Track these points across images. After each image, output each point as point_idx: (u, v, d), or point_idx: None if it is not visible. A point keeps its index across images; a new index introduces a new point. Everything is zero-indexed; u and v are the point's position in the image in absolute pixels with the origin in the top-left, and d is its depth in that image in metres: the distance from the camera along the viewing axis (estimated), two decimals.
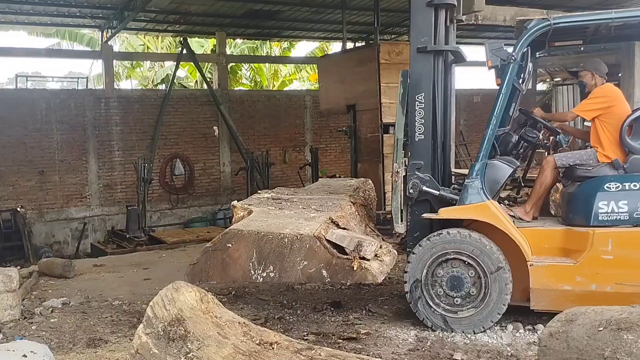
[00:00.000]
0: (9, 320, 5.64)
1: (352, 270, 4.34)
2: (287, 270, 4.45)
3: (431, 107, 5.34)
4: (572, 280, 4.85)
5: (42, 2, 12.12)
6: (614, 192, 4.90)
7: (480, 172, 5.14)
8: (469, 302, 4.99)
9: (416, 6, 5.47)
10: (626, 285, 4.75)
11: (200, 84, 19.55)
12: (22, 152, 13.25)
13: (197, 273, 4.86)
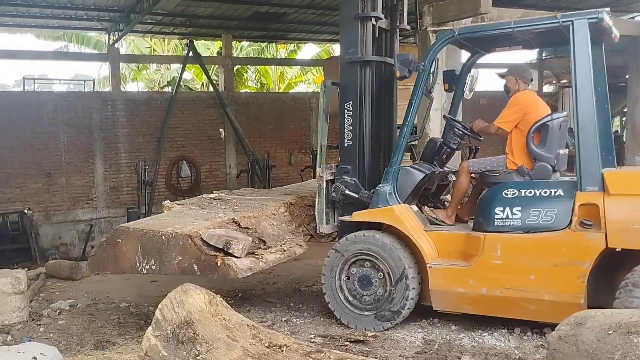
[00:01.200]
0: (17, 322, 5.66)
1: (217, 265, 4.77)
2: (165, 264, 4.97)
3: (358, 115, 5.61)
4: (465, 283, 4.97)
5: (49, 5, 12.16)
6: (510, 198, 4.94)
7: (393, 178, 5.36)
8: (376, 300, 5.22)
9: (344, 19, 5.75)
10: (514, 290, 4.81)
11: (206, 86, 19.60)
12: (30, 154, 13.30)
13: (95, 264, 5.48)
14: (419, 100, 5.36)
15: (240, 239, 4.91)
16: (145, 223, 5.58)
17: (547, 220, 4.75)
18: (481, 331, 5.04)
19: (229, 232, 5.02)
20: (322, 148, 5.86)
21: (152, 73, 22.44)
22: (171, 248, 4.95)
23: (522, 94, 5.40)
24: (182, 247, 4.90)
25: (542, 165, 5.11)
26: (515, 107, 5.30)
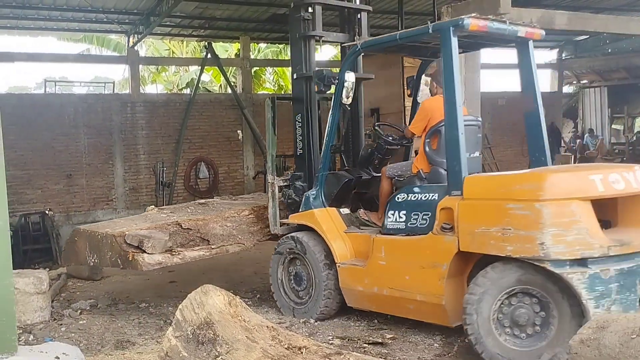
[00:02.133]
0: (39, 321, 5.74)
1: (129, 260, 5.65)
2: (102, 257, 6.00)
3: (306, 126, 6.10)
4: (363, 282, 5.28)
5: (70, 8, 12.32)
6: (399, 202, 5.14)
7: (320, 183, 5.76)
8: (306, 295, 5.70)
9: (291, 38, 6.30)
10: (395, 290, 5.03)
11: (224, 88, 19.69)
12: (51, 156, 13.46)
13: (65, 257, 6.79)
14: (337, 111, 5.70)
15: (154, 238, 5.72)
16: (96, 225, 6.90)
17: (422, 224, 4.91)
18: None
19: (149, 233, 5.82)
20: (272, 157, 6.44)
21: (171, 75, 22.62)
22: (105, 245, 5.94)
23: (430, 99, 5.49)
24: (110, 244, 5.87)
25: (437, 169, 5.16)
26: (423, 113, 5.39)
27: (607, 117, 20.61)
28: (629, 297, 4.08)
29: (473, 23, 4.71)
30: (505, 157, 18.25)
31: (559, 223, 4.06)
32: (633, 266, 4.12)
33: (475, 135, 5.29)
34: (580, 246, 4.04)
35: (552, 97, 20.39)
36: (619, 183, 4.26)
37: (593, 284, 4.00)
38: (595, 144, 19.09)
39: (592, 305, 3.98)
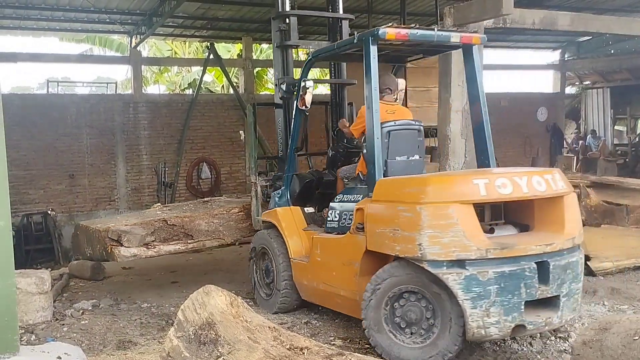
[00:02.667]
0: (41, 321, 5.74)
1: (109, 252, 6.33)
2: (94, 249, 6.70)
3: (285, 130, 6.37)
4: (307, 277, 5.55)
5: (73, 8, 12.34)
6: (336, 203, 5.40)
7: (286, 183, 6.07)
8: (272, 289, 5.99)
9: (273, 47, 6.63)
10: (327, 285, 5.27)
11: (226, 88, 19.69)
12: (53, 156, 13.49)
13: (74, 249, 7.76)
14: (298, 116, 5.94)
15: (132, 233, 6.38)
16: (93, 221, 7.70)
17: (348, 224, 5.10)
18: None
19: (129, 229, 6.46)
20: (254, 159, 6.96)
21: (173, 75, 22.62)
22: (95, 239, 6.61)
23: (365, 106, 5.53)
24: (97, 238, 6.53)
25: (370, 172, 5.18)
26: (362, 117, 5.40)
27: (610, 118, 20.57)
28: (511, 299, 4.13)
29: (390, 32, 4.84)
30: (508, 158, 18.24)
31: (436, 225, 4.17)
32: (516, 269, 4.15)
33: (414, 138, 5.37)
34: (456, 248, 4.12)
35: (554, 98, 20.38)
36: (505, 187, 4.31)
37: (470, 285, 4.09)
38: (597, 145, 19.05)
39: (469, 306, 4.10)
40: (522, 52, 21.24)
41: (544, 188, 4.42)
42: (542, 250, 4.26)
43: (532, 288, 4.19)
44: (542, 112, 19.49)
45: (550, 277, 4.24)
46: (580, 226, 4.66)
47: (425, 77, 10.43)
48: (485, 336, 4.20)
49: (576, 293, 4.47)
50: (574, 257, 4.44)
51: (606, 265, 7.00)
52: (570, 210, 4.54)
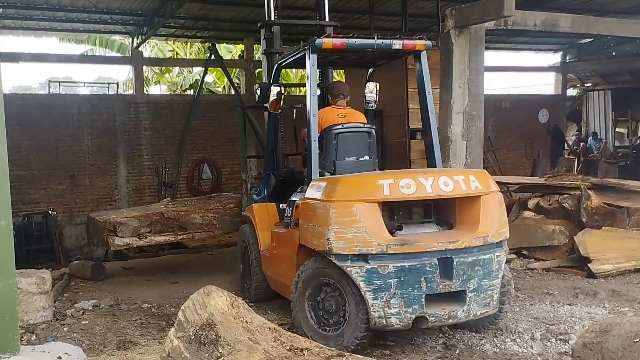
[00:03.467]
0: (42, 321, 5.74)
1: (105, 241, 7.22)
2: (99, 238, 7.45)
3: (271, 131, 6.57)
4: (270, 269, 5.90)
5: (74, 9, 12.36)
6: (292, 200, 5.69)
7: (263, 181, 6.46)
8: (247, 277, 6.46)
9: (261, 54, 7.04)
10: (280, 276, 5.64)
11: (227, 89, 19.71)
12: (54, 156, 13.50)
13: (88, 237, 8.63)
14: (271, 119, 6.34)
15: (126, 224, 7.16)
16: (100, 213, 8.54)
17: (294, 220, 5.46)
18: (504, 337, 5.00)
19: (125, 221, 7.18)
20: (244, 158, 7.47)
21: (175, 76, 22.65)
22: (99, 229, 7.33)
23: (323, 109, 5.85)
24: (99, 229, 7.26)
25: (322, 172, 5.45)
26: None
27: (611, 120, 20.55)
28: (411, 292, 4.44)
29: (326, 42, 5.20)
30: (509, 160, 18.24)
31: (342, 222, 4.53)
32: (416, 264, 4.46)
33: (364, 140, 5.68)
34: (359, 243, 4.47)
35: (555, 100, 20.38)
36: (409, 188, 4.62)
37: (371, 277, 4.44)
38: (598, 147, 19.04)
39: (371, 297, 4.45)
40: (523, 54, 21.26)
41: (451, 188, 4.70)
42: (445, 247, 4.53)
43: (433, 282, 4.48)
44: (543, 114, 19.49)
45: (454, 273, 4.52)
46: (500, 225, 4.85)
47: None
48: (386, 326, 4.51)
49: (489, 289, 4.69)
50: (486, 254, 4.66)
51: (607, 268, 7.00)
52: (487, 209, 4.78)
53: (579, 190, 7.77)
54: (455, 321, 4.69)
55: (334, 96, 5.93)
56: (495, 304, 4.81)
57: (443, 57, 9.01)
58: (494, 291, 4.74)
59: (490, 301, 4.73)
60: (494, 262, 4.70)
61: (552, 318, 5.52)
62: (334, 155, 5.48)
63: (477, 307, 4.64)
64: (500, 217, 4.91)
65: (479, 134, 9.07)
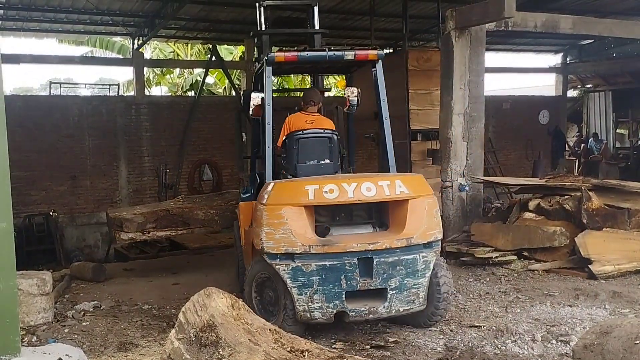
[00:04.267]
0: (43, 322, 5.73)
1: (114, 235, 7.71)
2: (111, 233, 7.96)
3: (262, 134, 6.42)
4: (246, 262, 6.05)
5: (76, 10, 12.37)
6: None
7: (251, 182, 6.58)
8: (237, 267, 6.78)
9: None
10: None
11: (228, 90, 19.73)
12: (55, 157, 13.51)
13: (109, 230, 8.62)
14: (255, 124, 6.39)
15: (132, 220, 7.53)
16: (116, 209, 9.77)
17: None
18: (504, 338, 5.00)
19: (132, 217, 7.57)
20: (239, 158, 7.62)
21: (176, 77, 22.67)
22: (111, 224, 7.86)
23: (290, 116, 6.17)
24: (112, 224, 7.76)
25: (285, 174, 5.90)
26: (284, 126, 6.06)
27: (612, 121, 20.56)
28: (332, 289, 4.85)
29: (278, 56, 5.58)
30: (509, 161, 18.23)
31: (272, 223, 4.94)
32: (337, 263, 4.84)
33: (325, 145, 5.93)
34: (285, 243, 4.87)
35: (556, 101, 20.37)
36: (332, 193, 4.98)
37: (296, 275, 4.86)
38: (599, 148, 19.04)
39: (296, 293, 4.87)
40: (524, 55, 21.25)
41: (374, 193, 5.01)
42: (364, 248, 4.88)
43: (353, 280, 4.85)
44: (544, 115, 19.49)
45: (374, 272, 4.87)
46: (428, 227, 5.10)
47: (428, 79, 10.44)
48: (310, 319, 4.92)
49: (414, 287, 5.00)
50: (410, 255, 4.97)
51: (607, 269, 6.99)
52: (414, 212, 5.06)
53: (580, 192, 7.76)
54: (377, 317, 5.04)
55: (306, 102, 6.18)
56: (422, 301, 5.09)
57: (443, 58, 9.02)
58: (420, 289, 5.04)
59: (415, 299, 5.04)
60: (419, 262, 5.01)
61: (552, 319, 5.52)
62: (295, 159, 5.79)
63: (399, 304, 4.97)
64: (430, 219, 5.14)
65: (479, 135, 9.08)
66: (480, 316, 5.74)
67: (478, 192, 9.19)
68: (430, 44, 16.17)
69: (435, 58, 10.16)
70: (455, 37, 8.75)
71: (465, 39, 8.80)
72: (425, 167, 10.53)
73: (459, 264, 7.90)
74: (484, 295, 6.50)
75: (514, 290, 6.68)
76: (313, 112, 6.13)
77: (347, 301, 4.88)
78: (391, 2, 12.74)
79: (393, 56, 13.37)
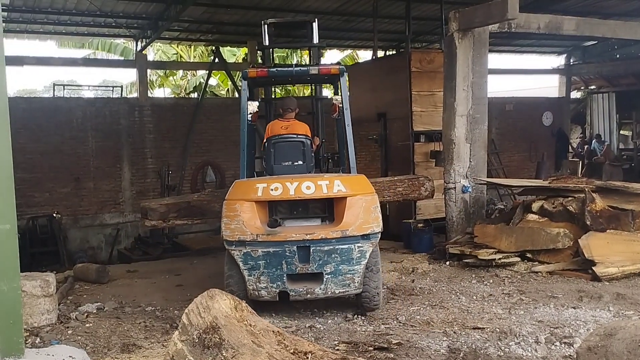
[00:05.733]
0: (46, 324, 5.74)
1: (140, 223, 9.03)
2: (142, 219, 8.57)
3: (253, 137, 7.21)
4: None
5: (79, 12, 12.40)
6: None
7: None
8: None
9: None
10: None
11: (231, 92, 19.74)
12: (59, 159, 13.53)
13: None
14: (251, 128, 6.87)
15: (155, 210, 8.26)
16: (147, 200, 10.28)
17: None
18: (508, 340, 4.99)
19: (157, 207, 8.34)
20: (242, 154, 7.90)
21: (179, 79, 22.70)
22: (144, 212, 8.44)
23: (271, 122, 6.93)
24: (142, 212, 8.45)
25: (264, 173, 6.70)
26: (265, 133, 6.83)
27: (615, 122, 20.50)
28: (275, 272, 5.70)
29: (251, 72, 6.58)
30: (513, 162, 18.20)
31: (228, 216, 5.82)
32: (279, 250, 5.68)
33: (298, 148, 6.59)
34: (238, 232, 5.74)
35: (559, 102, 20.33)
36: (277, 190, 5.82)
37: (247, 259, 5.74)
38: (602, 149, 18.99)
39: (247, 274, 5.75)
40: (527, 56, 21.22)
41: (312, 191, 5.82)
42: (302, 238, 5.68)
43: (292, 265, 5.69)
44: (547, 116, 19.46)
45: (311, 258, 5.68)
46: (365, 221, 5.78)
47: (431, 81, 10.44)
48: (259, 297, 5.76)
49: (349, 273, 5.74)
50: (345, 244, 5.72)
51: (611, 271, 6.97)
52: (351, 208, 5.79)
53: (584, 193, 7.74)
54: (314, 297, 5.78)
55: (283, 110, 6.87)
56: (357, 285, 5.80)
57: (447, 60, 9.02)
58: (355, 275, 5.76)
59: (351, 283, 5.77)
60: (354, 251, 5.75)
61: (556, 321, 5.51)
62: (272, 160, 6.53)
63: (334, 287, 5.74)
64: (366, 214, 5.83)
65: (482, 136, 9.07)
66: (484, 318, 5.73)
67: (481, 193, 9.17)
68: (433, 45, 16.16)
69: (438, 59, 10.16)
70: (459, 39, 8.75)
71: (468, 40, 8.79)
72: (428, 169, 10.53)
73: (462, 265, 7.90)
74: (487, 297, 6.49)
75: (518, 292, 6.67)
76: (289, 118, 6.78)
77: (288, 282, 5.72)
78: (394, 4, 12.75)
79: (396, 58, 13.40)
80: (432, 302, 6.33)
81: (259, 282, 5.71)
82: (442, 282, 7.26)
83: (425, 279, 7.47)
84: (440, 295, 6.67)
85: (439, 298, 6.52)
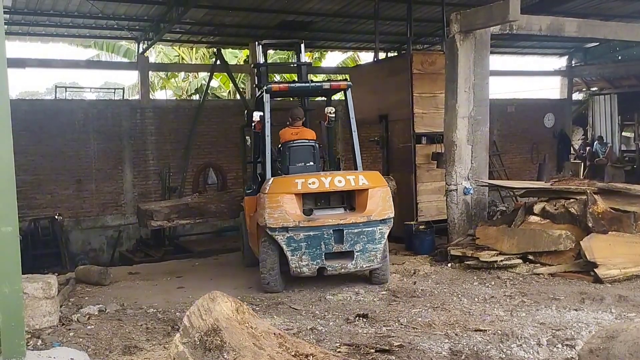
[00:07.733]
0: (48, 326, 5.73)
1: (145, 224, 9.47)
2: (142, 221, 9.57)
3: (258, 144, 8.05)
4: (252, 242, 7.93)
5: (81, 15, 12.42)
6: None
7: (252, 180, 8.20)
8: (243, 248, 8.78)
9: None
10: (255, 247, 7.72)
11: (233, 94, 19.77)
12: (61, 161, 13.54)
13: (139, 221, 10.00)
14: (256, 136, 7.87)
15: (159, 211, 9.23)
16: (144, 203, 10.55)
17: None
18: (510, 343, 4.98)
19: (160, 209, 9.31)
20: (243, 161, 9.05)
21: (181, 81, 22.71)
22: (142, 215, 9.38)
23: (283, 129, 7.93)
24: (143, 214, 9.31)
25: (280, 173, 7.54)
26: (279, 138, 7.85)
27: (617, 124, 20.48)
28: (315, 251, 6.82)
29: (274, 86, 7.67)
30: (515, 164, 18.19)
31: (272, 206, 6.82)
32: (317, 233, 6.81)
33: (309, 152, 7.65)
34: (282, 220, 6.78)
35: (561, 104, 20.33)
36: (314, 184, 6.94)
37: (290, 242, 6.82)
38: (604, 151, 18.97)
39: (290, 255, 6.82)
40: (528, 58, 21.21)
41: (343, 184, 6.99)
42: (337, 222, 6.85)
43: (329, 245, 6.84)
44: (549, 118, 19.45)
45: (344, 239, 6.84)
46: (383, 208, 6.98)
47: (432, 83, 10.43)
48: (301, 273, 6.90)
49: (373, 251, 6.92)
50: (369, 227, 6.90)
51: (613, 273, 6.96)
52: (372, 198, 6.99)
53: (585, 195, 7.73)
54: (347, 271, 6.98)
55: (293, 119, 7.94)
56: (379, 260, 7.02)
57: (448, 61, 9.02)
58: (377, 252, 6.97)
59: (374, 258, 6.97)
60: (376, 232, 6.94)
61: (558, 323, 5.50)
62: (288, 162, 7.55)
63: (362, 262, 6.94)
64: (384, 203, 7.04)
65: (484, 138, 9.07)
66: (486, 320, 5.72)
67: (483, 195, 9.17)
68: (434, 47, 16.16)
69: (439, 61, 10.15)
70: (460, 41, 8.75)
71: (469, 42, 8.79)
72: (430, 171, 10.52)
73: (464, 267, 7.89)
74: (489, 299, 6.48)
75: (519, 294, 6.66)
76: (298, 126, 7.88)
77: (326, 260, 6.86)
78: (395, 6, 12.76)
79: (397, 59, 13.37)
80: (433, 304, 6.32)
81: (301, 260, 6.81)
82: (444, 284, 7.25)
83: (426, 281, 7.46)
84: (441, 297, 6.67)
85: (441, 300, 6.52)
